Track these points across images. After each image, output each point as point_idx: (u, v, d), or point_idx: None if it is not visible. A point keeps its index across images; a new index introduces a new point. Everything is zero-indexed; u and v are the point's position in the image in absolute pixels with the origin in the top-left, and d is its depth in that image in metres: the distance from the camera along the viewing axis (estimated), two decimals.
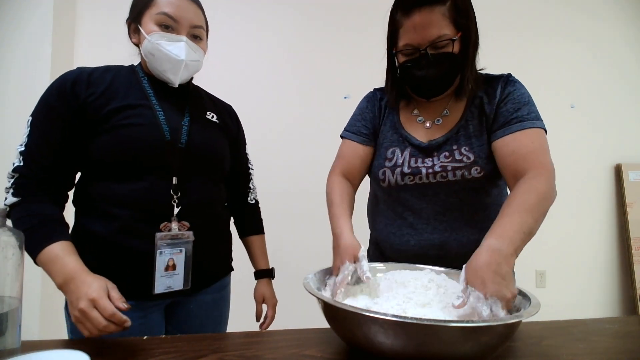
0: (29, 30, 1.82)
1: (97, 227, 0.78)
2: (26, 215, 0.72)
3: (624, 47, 2.58)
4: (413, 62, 0.82)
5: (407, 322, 0.47)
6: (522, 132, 0.79)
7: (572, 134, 2.50)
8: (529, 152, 0.77)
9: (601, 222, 2.53)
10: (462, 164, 0.84)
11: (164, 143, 0.80)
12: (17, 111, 1.79)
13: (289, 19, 2.24)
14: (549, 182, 0.73)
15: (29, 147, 0.75)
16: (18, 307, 0.56)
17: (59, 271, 0.68)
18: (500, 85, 0.86)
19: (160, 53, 0.81)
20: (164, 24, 0.81)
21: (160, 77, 0.86)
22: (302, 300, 1.37)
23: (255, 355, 0.61)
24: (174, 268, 0.81)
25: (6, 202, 0.73)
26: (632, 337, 0.72)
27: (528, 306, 0.55)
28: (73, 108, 0.77)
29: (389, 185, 0.89)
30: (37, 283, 1.75)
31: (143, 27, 0.82)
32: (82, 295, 0.63)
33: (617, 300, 2.51)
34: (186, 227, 0.82)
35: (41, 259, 0.69)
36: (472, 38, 0.83)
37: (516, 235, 0.63)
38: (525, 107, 0.82)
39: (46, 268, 0.69)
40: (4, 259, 0.54)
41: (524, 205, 0.67)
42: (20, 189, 0.74)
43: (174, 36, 0.82)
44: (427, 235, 0.87)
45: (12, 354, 0.52)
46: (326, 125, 1.96)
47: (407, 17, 0.79)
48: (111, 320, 0.62)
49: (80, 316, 0.63)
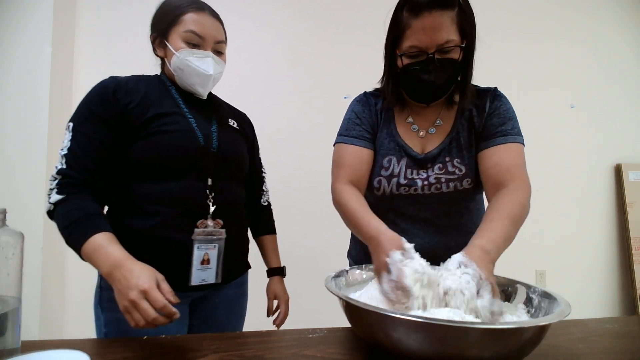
0: (29, 30, 1.81)
1: (137, 223, 0.82)
2: (71, 209, 0.74)
3: (624, 47, 2.58)
4: (419, 65, 0.81)
5: (436, 324, 0.47)
6: (505, 146, 0.83)
7: (572, 134, 2.50)
8: (512, 166, 0.81)
9: (601, 222, 2.53)
10: (454, 176, 0.86)
11: (199, 148, 0.87)
12: (17, 111, 1.80)
13: (288, 18, 2.24)
14: (527, 197, 0.78)
15: (73, 150, 0.79)
16: (18, 307, 0.56)
17: (104, 259, 0.68)
18: (488, 99, 0.88)
19: (189, 68, 0.88)
20: (191, 42, 0.87)
21: (189, 89, 0.93)
22: (303, 300, 1.37)
23: (255, 355, 0.61)
24: (208, 262, 0.87)
25: (51, 201, 0.76)
26: (632, 337, 0.72)
27: (557, 307, 0.56)
28: (115, 113, 0.82)
29: (383, 193, 0.90)
30: (37, 283, 1.75)
31: (170, 43, 0.88)
32: (132, 285, 0.63)
33: (617, 300, 2.51)
34: (220, 224, 0.88)
35: (86, 249, 0.70)
36: (473, 47, 0.83)
37: (502, 243, 0.68)
38: (509, 122, 0.85)
39: (91, 257, 0.70)
40: (4, 259, 0.54)
41: (510, 214, 0.72)
42: (64, 187, 0.76)
43: (201, 52, 0.88)
44: (419, 240, 0.88)
45: (12, 354, 0.52)
46: (326, 125, 1.96)
47: (416, 18, 0.78)
48: (161, 312, 0.62)
49: (130, 306, 0.63)
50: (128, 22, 2.05)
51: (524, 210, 0.75)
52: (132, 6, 2.05)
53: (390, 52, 0.87)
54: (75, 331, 1.93)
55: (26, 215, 1.73)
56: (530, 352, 0.52)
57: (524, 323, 0.50)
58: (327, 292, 0.64)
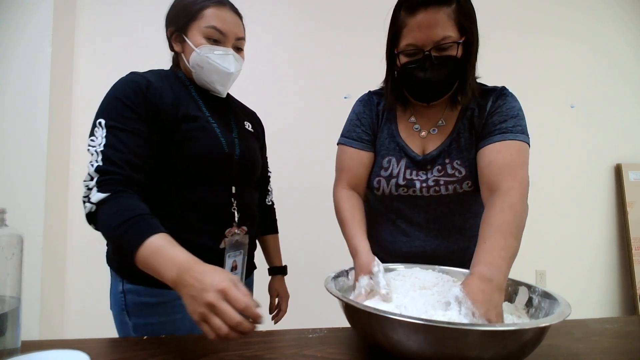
0: (29, 30, 1.81)
1: (165, 226, 0.76)
2: (120, 209, 0.66)
3: (624, 47, 2.57)
4: (416, 63, 0.80)
5: (436, 325, 0.48)
6: (502, 143, 0.78)
7: (572, 134, 2.50)
8: (505, 165, 0.76)
9: (601, 222, 2.52)
10: (454, 179, 0.85)
11: (224, 155, 0.86)
12: (17, 111, 1.79)
13: (289, 19, 2.24)
14: (521, 198, 0.72)
15: (112, 146, 0.71)
16: (18, 307, 0.56)
17: (168, 263, 0.59)
18: (492, 99, 0.85)
19: (209, 65, 0.85)
20: (212, 38, 0.84)
21: (207, 87, 0.89)
22: (303, 300, 1.37)
23: (255, 355, 0.61)
24: (236, 268, 0.89)
25: (92, 200, 0.67)
26: (632, 337, 0.72)
27: (557, 308, 0.56)
28: (151, 110, 0.77)
29: (383, 194, 0.90)
30: (37, 283, 1.75)
31: (190, 38, 0.84)
32: (207, 286, 0.54)
33: (617, 300, 2.51)
34: (244, 231, 0.89)
35: (143, 253, 0.61)
36: (474, 43, 0.82)
37: (503, 262, 0.63)
38: (511, 119, 0.81)
39: (150, 262, 0.60)
40: (4, 259, 0.54)
41: (503, 227, 0.66)
42: (107, 185, 0.68)
43: (223, 49, 0.85)
44: (419, 242, 0.88)
45: (12, 354, 0.52)
46: (326, 125, 1.96)
47: (412, 16, 0.78)
48: (244, 314, 0.52)
49: (207, 311, 0.53)
50: (128, 22, 2.05)
51: (519, 215, 0.69)
52: (132, 6, 2.05)
53: (389, 52, 0.87)
54: (75, 331, 1.93)
55: (26, 215, 1.73)
56: (530, 353, 0.52)
57: (524, 325, 0.50)
58: (327, 291, 0.65)
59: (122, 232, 0.63)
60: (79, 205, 0.82)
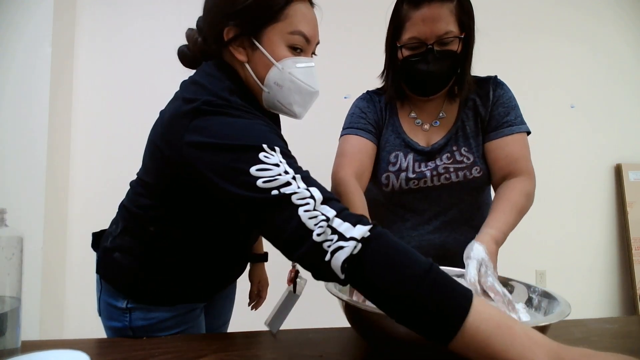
0: (29, 30, 1.81)
1: None
2: (395, 254, 0.45)
3: (624, 47, 2.57)
4: (418, 56, 0.82)
5: None
6: (511, 137, 0.85)
7: (572, 134, 2.50)
8: (520, 157, 0.84)
9: (601, 222, 2.52)
10: (462, 165, 0.86)
11: None
12: (17, 111, 1.79)
13: None
14: (534, 188, 0.83)
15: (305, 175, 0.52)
16: (18, 307, 0.56)
17: (533, 346, 0.39)
18: (491, 88, 0.89)
19: (292, 85, 0.65)
20: (297, 47, 0.65)
21: (278, 109, 0.70)
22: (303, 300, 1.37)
23: (255, 355, 0.61)
24: None
25: (355, 235, 0.45)
26: (632, 337, 0.73)
27: (557, 307, 0.56)
28: None
29: (392, 189, 0.89)
30: (37, 283, 1.75)
31: (267, 47, 0.63)
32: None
33: (617, 300, 2.51)
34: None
35: (471, 327, 0.40)
36: (472, 40, 0.85)
37: (507, 233, 0.74)
38: (512, 111, 0.87)
39: (490, 343, 0.39)
40: (4, 259, 0.54)
41: (518, 206, 0.77)
42: (354, 217, 0.47)
43: (305, 59, 0.67)
44: (428, 235, 0.89)
45: (12, 354, 0.52)
46: (326, 125, 1.96)
47: (416, 10, 0.80)
48: None
49: None
50: (128, 21, 2.04)
51: (529, 201, 0.80)
52: (132, 6, 2.05)
53: (390, 45, 0.88)
54: (75, 331, 1.92)
55: (26, 215, 1.73)
56: None
57: (524, 324, 0.50)
58: (327, 291, 0.65)
59: (432, 299, 0.42)
60: (79, 205, 0.82)
